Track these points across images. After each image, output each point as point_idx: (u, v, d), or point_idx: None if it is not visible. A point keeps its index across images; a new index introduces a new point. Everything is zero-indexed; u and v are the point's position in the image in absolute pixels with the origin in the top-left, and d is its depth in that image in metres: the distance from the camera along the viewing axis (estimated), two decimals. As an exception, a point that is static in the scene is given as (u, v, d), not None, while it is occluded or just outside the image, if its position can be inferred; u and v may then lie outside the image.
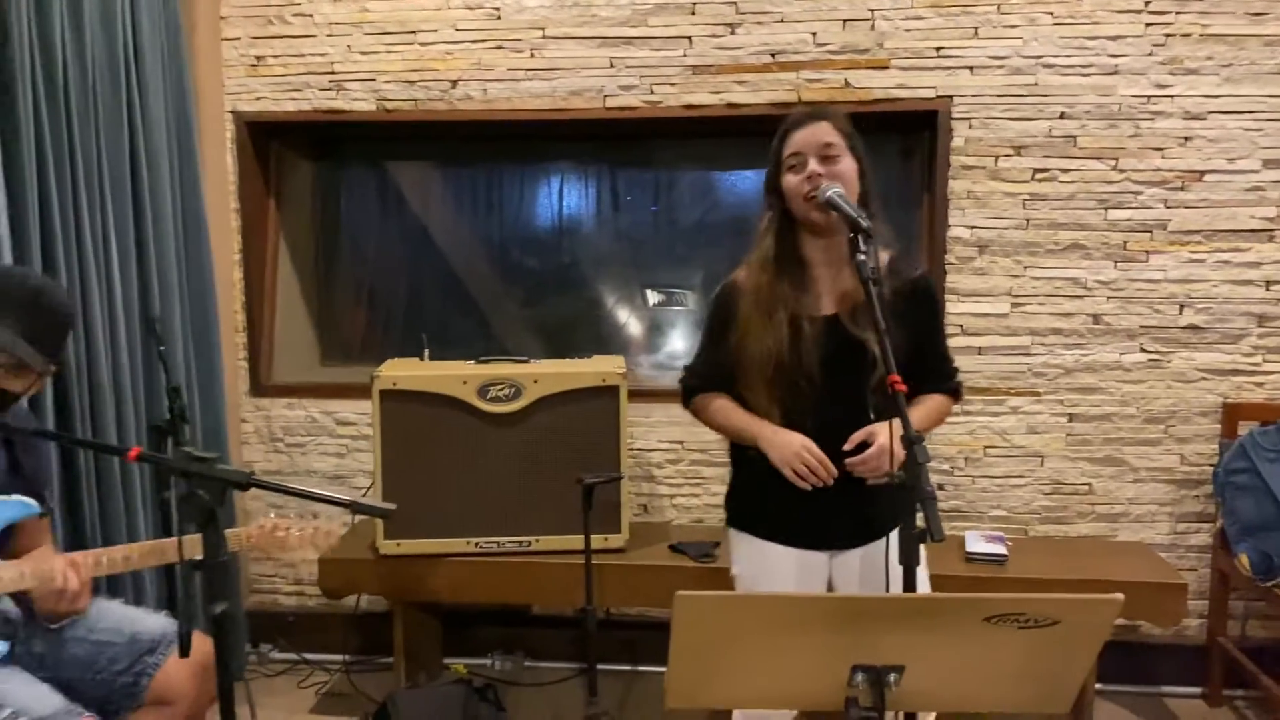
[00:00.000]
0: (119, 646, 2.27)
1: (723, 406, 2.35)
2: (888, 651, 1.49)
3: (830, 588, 2.33)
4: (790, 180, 2.18)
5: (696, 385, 2.42)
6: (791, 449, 2.19)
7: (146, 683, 2.26)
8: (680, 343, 3.95)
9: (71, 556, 2.13)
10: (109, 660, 2.26)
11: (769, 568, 2.33)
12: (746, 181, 3.86)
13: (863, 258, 1.93)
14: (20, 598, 2.22)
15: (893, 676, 1.50)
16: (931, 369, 2.31)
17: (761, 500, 2.31)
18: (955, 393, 2.38)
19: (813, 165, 2.14)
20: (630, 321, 3.98)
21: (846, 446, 2.14)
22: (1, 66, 2.60)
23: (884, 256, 2.22)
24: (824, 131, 2.17)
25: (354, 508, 1.76)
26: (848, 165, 2.17)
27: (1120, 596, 1.41)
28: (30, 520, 2.26)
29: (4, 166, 2.60)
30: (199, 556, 1.68)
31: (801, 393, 2.21)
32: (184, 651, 1.79)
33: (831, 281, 2.25)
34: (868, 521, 2.27)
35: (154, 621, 2.35)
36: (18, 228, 2.65)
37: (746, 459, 2.32)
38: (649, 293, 3.96)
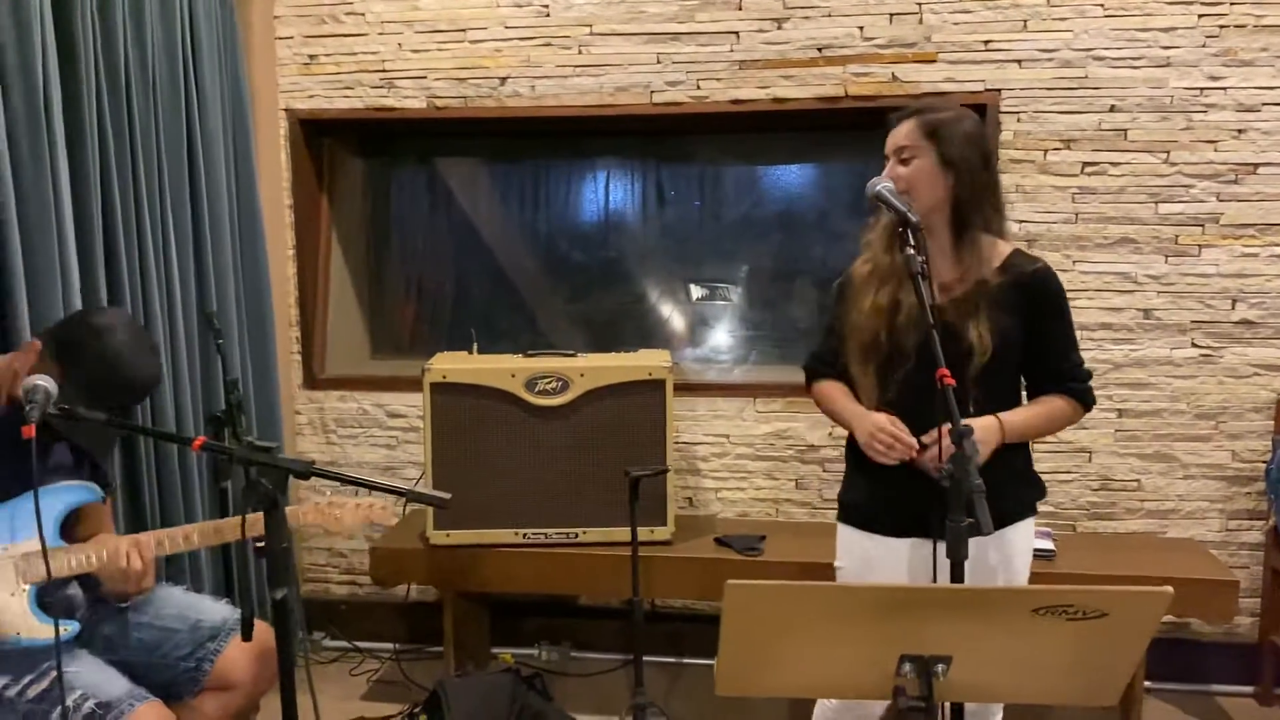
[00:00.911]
0: (182, 633, 2.34)
1: (831, 392, 2.37)
2: (936, 642, 1.50)
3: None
4: None
5: (815, 370, 2.44)
6: (869, 427, 2.17)
7: (208, 668, 2.32)
8: (723, 337, 3.98)
9: (135, 537, 2.20)
10: (173, 646, 2.32)
11: (873, 559, 2.30)
12: (792, 175, 3.87)
13: (910, 251, 1.95)
14: (86, 582, 2.30)
15: (940, 667, 1.52)
16: (1051, 369, 2.23)
17: (867, 493, 2.31)
18: (1079, 396, 2.24)
19: (889, 167, 2.17)
20: (674, 316, 4.01)
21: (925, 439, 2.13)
22: (67, 67, 2.67)
23: (1004, 250, 2.22)
24: (901, 134, 2.17)
25: (411, 497, 1.80)
26: (918, 166, 2.15)
27: (1169, 589, 1.42)
28: (92, 505, 2.33)
29: (69, 165, 2.68)
30: (254, 535, 1.73)
31: (896, 370, 2.20)
32: (246, 635, 1.85)
33: (935, 276, 2.21)
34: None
35: (216, 609, 2.42)
36: (82, 224, 2.74)
37: (856, 453, 2.32)
38: (692, 287, 3.99)
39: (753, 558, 3.25)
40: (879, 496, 2.28)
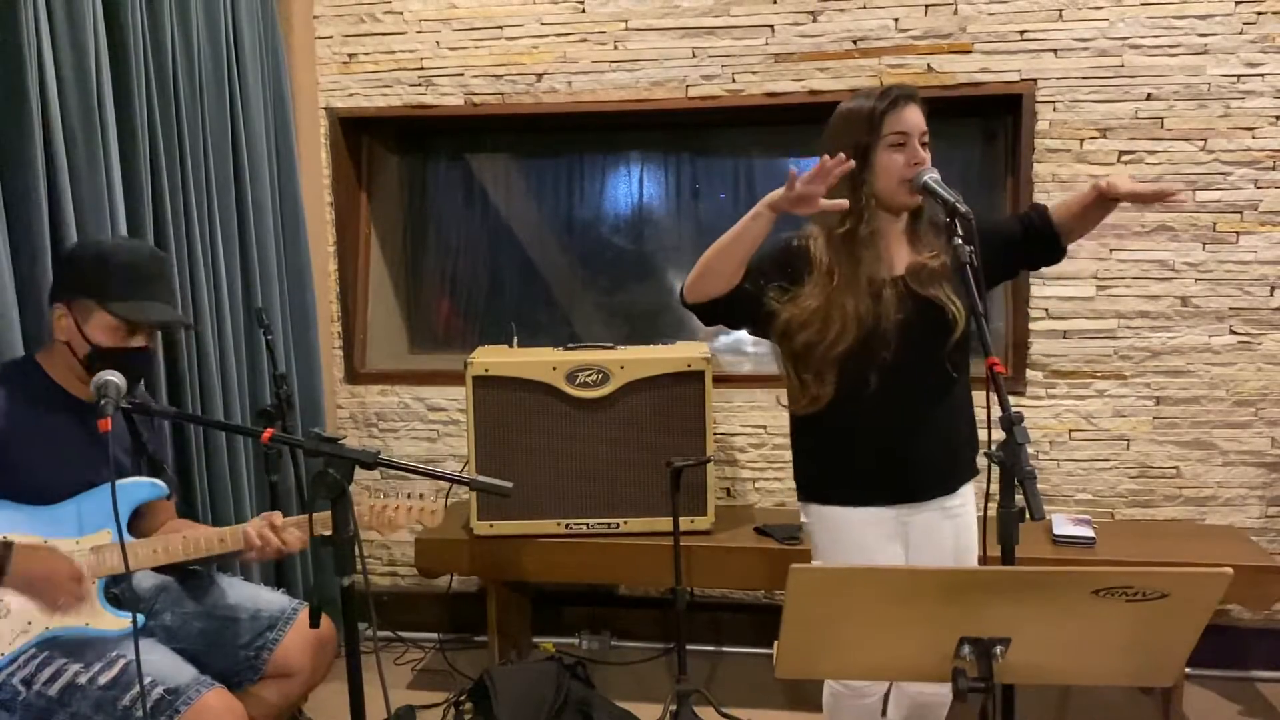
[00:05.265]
0: (242, 622, 2.38)
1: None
2: (995, 624, 1.53)
3: (906, 543, 2.35)
4: (893, 158, 2.18)
5: None
6: (778, 192, 2.15)
7: (267, 656, 2.36)
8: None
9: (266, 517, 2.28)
10: (233, 635, 2.37)
11: (860, 533, 2.32)
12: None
13: (959, 242, 1.97)
14: (166, 570, 2.36)
15: (999, 649, 1.54)
16: (1026, 224, 2.33)
17: (838, 465, 2.33)
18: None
19: (921, 151, 2.18)
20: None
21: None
22: (118, 71, 2.72)
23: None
24: (920, 117, 2.21)
25: (475, 486, 1.84)
26: (929, 152, 2.22)
27: (1229, 570, 1.43)
28: (158, 501, 2.38)
29: (121, 166, 2.73)
30: (324, 532, 1.78)
31: (877, 358, 2.21)
32: (315, 623, 1.89)
33: (894, 251, 2.28)
34: (942, 476, 2.34)
35: (274, 599, 2.46)
36: (133, 223, 2.79)
37: (821, 432, 2.34)
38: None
39: (793, 546, 3.27)
40: (860, 469, 2.31)
